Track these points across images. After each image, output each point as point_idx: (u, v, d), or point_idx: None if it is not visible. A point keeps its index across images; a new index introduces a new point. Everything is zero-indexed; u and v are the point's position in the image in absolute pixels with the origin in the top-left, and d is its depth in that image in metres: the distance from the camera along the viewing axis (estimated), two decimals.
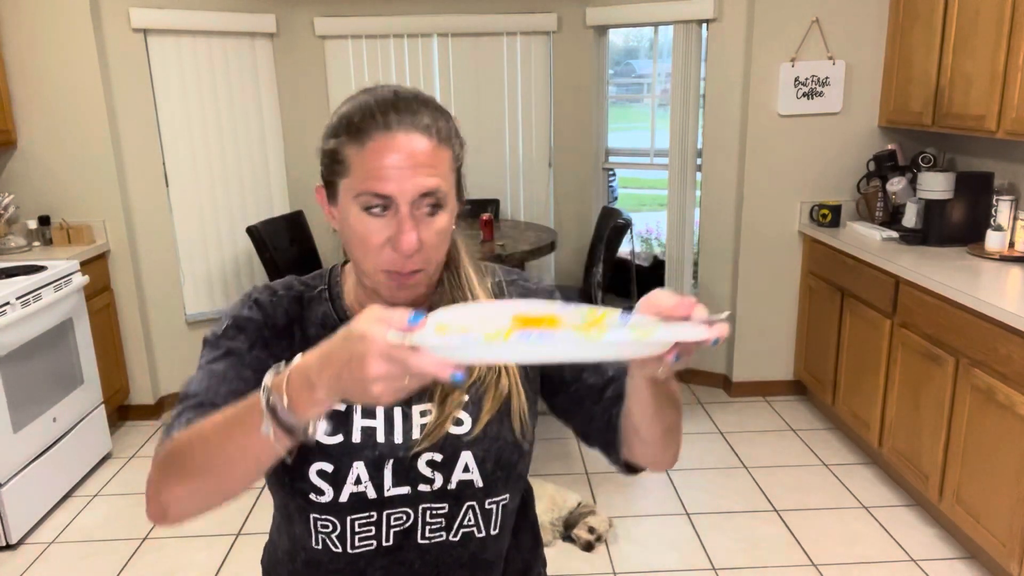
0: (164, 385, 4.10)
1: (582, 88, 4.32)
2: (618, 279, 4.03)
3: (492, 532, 1.01)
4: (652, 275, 4.29)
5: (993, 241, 3.02)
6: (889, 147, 3.61)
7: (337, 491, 0.95)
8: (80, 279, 3.36)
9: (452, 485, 0.96)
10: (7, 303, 2.88)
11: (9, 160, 3.64)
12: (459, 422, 0.97)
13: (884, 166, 3.58)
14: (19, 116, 3.58)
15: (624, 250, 3.89)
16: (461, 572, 1.02)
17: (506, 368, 0.99)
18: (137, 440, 3.79)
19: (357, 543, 0.98)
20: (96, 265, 3.64)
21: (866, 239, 3.45)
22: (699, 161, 4.05)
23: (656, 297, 0.75)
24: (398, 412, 0.97)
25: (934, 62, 3.20)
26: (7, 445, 2.87)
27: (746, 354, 4.05)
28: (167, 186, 3.94)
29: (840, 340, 3.51)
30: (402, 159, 0.86)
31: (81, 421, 3.38)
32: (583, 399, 1.03)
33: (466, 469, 0.96)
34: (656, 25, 4.07)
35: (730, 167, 3.94)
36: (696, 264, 4.20)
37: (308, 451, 0.94)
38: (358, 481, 0.95)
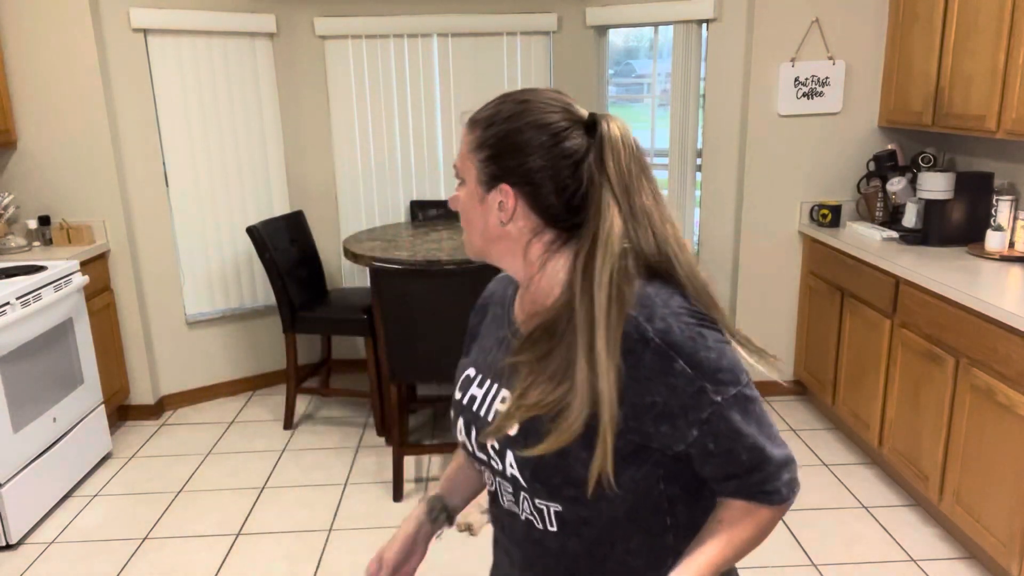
0: (164, 385, 4.10)
1: (582, 88, 4.32)
2: None
3: (550, 529, 1.02)
4: None
5: (993, 241, 3.02)
6: (889, 147, 3.61)
7: (457, 434, 1.12)
8: (80, 279, 3.36)
9: (507, 472, 1.02)
10: (7, 303, 2.88)
11: (9, 160, 3.64)
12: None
13: (884, 166, 3.58)
14: (19, 116, 3.58)
15: None
16: (532, 548, 1.07)
17: (593, 425, 0.92)
18: (137, 440, 3.79)
19: (486, 481, 1.13)
20: (96, 265, 3.64)
21: (866, 239, 3.45)
22: (699, 161, 4.05)
23: None
24: (494, 389, 1.05)
25: (934, 62, 3.20)
26: (7, 445, 2.87)
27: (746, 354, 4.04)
28: (167, 186, 3.94)
29: (840, 340, 3.51)
30: None
31: (81, 421, 3.38)
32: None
33: (512, 465, 1.00)
34: (656, 25, 4.07)
35: (730, 167, 3.94)
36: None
37: (454, 399, 1.14)
38: (461, 433, 1.10)
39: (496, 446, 1.01)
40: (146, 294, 3.95)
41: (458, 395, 1.11)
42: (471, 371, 1.11)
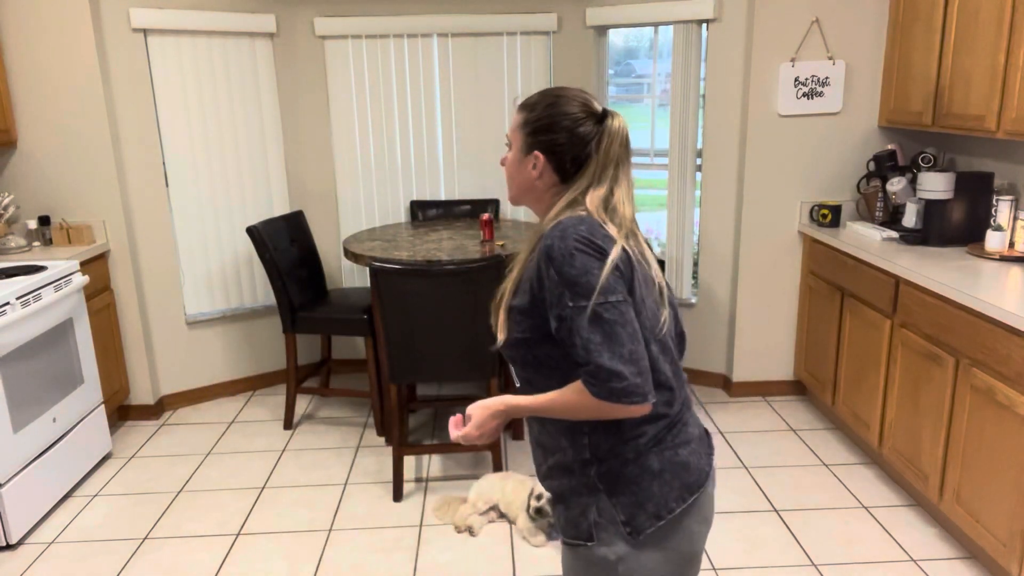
0: (164, 385, 4.10)
1: (582, 88, 4.31)
2: None
3: (516, 385, 1.46)
4: None
5: (993, 241, 3.02)
6: (889, 147, 3.61)
7: None
8: (80, 279, 3.36)
9: None
10: (7, 303, 2.88)
11: (9, 160, 3.64)
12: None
13: (884, 166, 3.58)
14: (19, 116, 3.58)
15: None
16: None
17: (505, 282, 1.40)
18: (137, 440, 3.79)
19: None
20: (96, 265, 3.64)
21: (866, 239, 3.45)
22: (699, 161, 4.05)
23: None
24: None
25: (934, 62, 3.20)
26: (7, 445, 2.87)
27: (746, 354, 4.05)
28: (167, 186, 3.94)
29: (840, 340, 3.51)
30: None
31: (81, 421, 3.38)
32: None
33: None
34: (656, 25, 4.07)
35: (730, 167, 3.94)
36: (696, 264, 4.20)
37: None
38: None
39: None
40: (146, 294, 3.95)
41: None
42: None
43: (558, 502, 1.45)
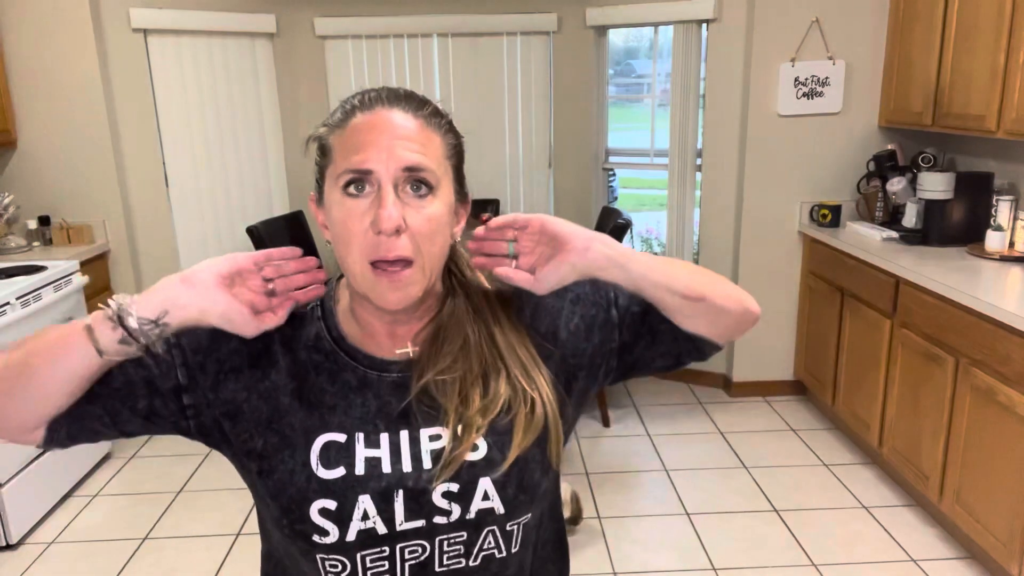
0: None
1: (582, 88, 4.32)
2: None
3: (513, 550, 0.93)
4: None
5: (993, 241, 3.02)
6: (889, 147, 3.61)
7: (343, 529, 0.87)
8: (80, 279, 3.36)
9: (471, 515, 0.88)
10: (7, 303, 2.88)
11: (9, 160, 3.64)
12: (474, 447, 0.88)
13: (884, 166, 3.58)
14: (19, 116, 3.58)
15: None
16: None
17: (540, 396, 0.91)
18: (137, 440, 3.79)
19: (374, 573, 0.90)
20: (96, 265, 3.64)
21: (866, 239, 3.45)
22: (699, 161, 4.05)
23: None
24: (405, 436, 0.89)
25: (934, 62, 3.20)
26: (7, 445, 2.86)
27: (746, 354, 4.05)
28: (167, 186, 3.94)
29: (840, 340, 3.51)
30: (382, 132, 0.83)
31: None
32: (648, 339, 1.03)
33: (485, 497, 0.88)
34: (656, 25, 4.07)
35: (730, 167, 3.94)
36: (696, 264, 4.20)
37: (307, 490, 0.87)
38: (365, 517, 0.87)
39: (455, 489, 0.88)
40: None
41: (334, 472, 0.88)
42: (336, 436, 0.89)
43: None
